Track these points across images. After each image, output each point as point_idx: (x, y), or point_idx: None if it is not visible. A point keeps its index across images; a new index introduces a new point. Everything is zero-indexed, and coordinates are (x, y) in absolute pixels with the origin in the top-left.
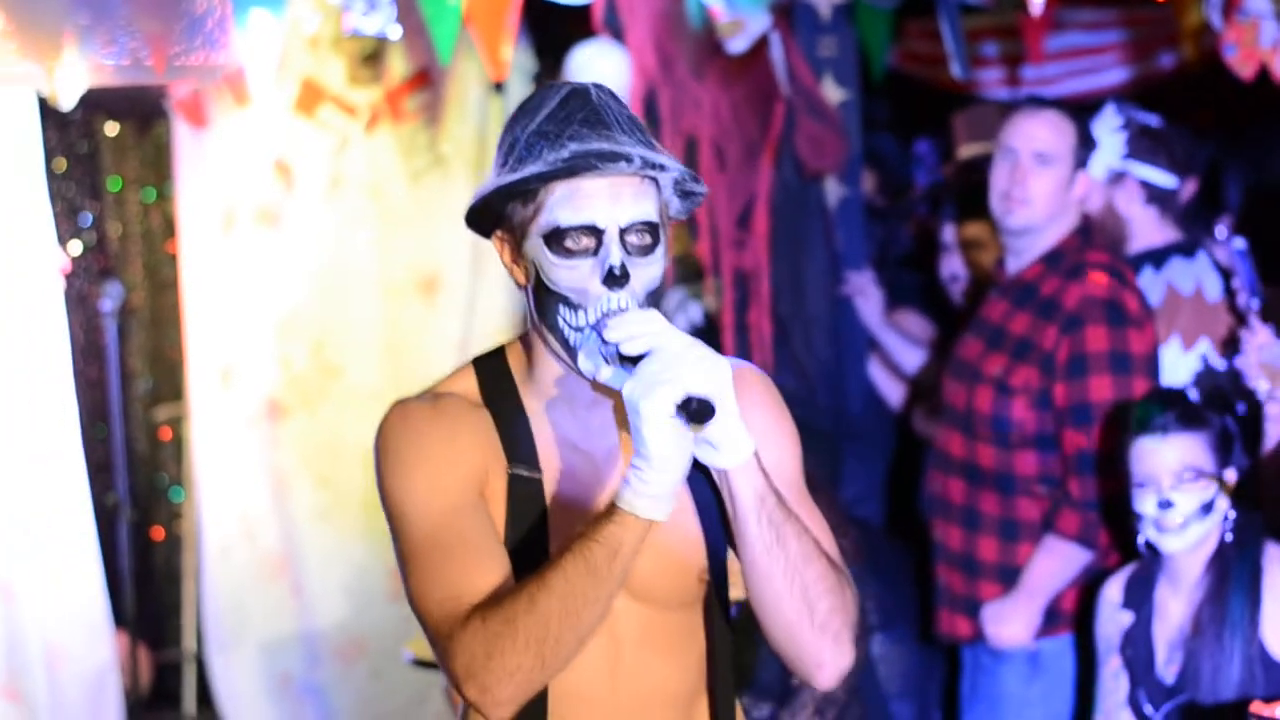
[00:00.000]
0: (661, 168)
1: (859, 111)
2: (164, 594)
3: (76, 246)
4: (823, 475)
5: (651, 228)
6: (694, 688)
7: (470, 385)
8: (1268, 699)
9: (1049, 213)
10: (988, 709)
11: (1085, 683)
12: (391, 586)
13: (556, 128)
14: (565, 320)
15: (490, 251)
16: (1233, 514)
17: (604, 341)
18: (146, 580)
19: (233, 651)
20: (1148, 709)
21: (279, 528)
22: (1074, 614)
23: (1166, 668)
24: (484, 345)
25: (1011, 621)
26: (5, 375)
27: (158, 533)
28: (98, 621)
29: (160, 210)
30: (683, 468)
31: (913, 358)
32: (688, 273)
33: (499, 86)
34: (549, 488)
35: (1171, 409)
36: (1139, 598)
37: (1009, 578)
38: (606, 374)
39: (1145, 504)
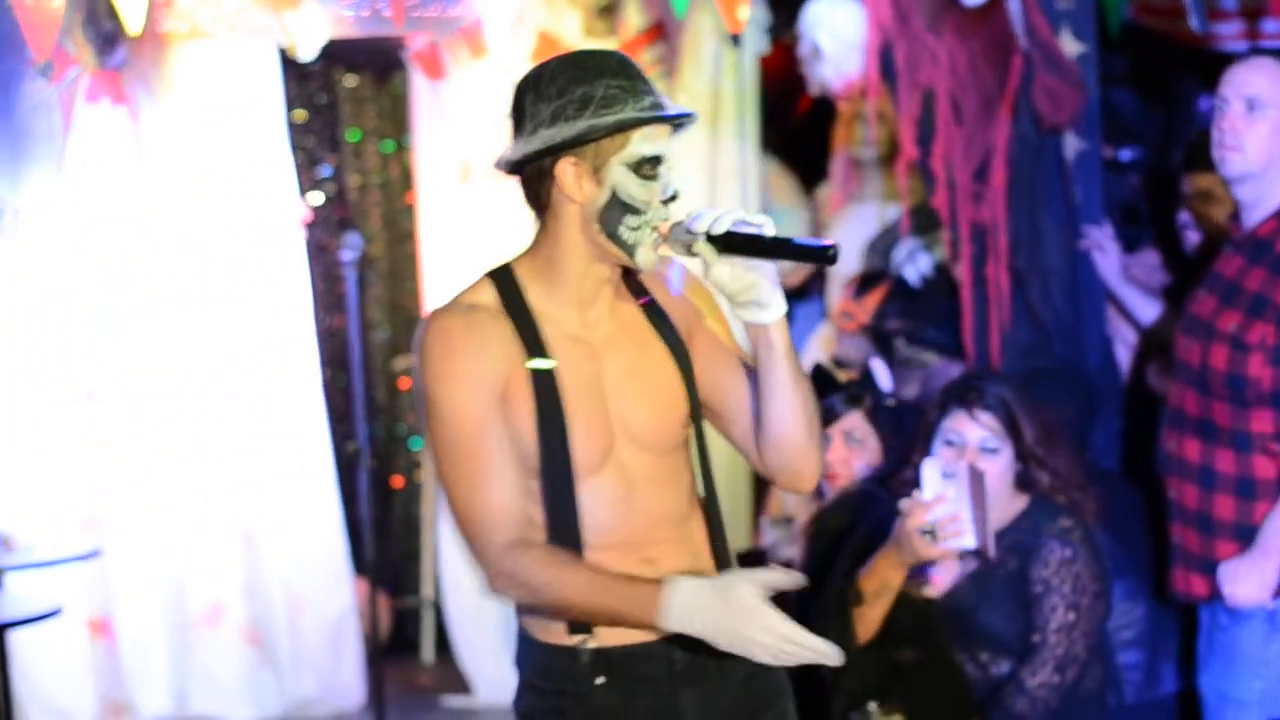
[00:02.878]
0: (692, 120)
1: (1096, 65)
2: (403, 542)
3: (317, 197)
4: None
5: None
6: (687, 511)
7: (490, 296)
8: None
9: (1264, 160)
10: (1225, 668)
11: None
12: None
13: (629, 84)
14: (627, 225)
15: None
16: None
17: (689, 232)
18: (386, 528)
19: (471, 599)
20: None
21: None
22: None
23: None
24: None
25: (1248, 580)
26: (250, 325)
27: (397, 481)
28: (338, 569)
29: (398, 161)
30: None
31: (1150, 312)
32: (924, 224)
33: (735, 39)
34: (561, 377)
35: None
36: None
37: (1246, 536)
38: (667, 250)
39: None
